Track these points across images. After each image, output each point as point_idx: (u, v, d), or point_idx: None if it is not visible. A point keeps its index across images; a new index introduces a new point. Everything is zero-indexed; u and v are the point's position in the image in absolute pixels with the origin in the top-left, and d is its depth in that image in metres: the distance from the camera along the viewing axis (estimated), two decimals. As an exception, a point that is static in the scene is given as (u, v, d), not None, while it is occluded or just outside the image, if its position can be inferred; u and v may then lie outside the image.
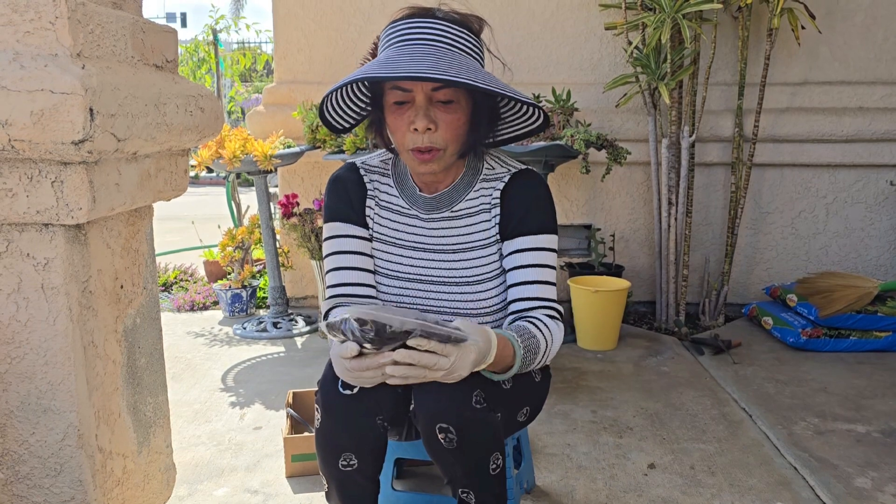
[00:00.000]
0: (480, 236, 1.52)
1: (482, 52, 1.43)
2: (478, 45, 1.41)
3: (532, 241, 1.48)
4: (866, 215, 3.70)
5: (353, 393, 1.36)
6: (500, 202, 1.50)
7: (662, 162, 3.45)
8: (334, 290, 1.50)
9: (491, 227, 1.51)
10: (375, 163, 1.59)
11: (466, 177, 1.52)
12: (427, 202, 1.52)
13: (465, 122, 1.41)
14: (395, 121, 1.40)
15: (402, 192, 1.55)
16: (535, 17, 3.67)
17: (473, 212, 1.52)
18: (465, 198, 1.52)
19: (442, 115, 1.37)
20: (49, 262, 1.29)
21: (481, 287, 1.50)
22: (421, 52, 1.31)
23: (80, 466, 1.35)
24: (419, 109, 1.36)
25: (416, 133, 1.37)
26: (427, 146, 1.38)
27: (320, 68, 3.74)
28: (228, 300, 3.77)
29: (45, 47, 1.21)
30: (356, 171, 1.57)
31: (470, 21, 1.41)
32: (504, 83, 1.36)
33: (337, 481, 1.41)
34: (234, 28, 7.22)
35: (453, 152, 1.43)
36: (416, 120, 1.36)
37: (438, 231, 1.52)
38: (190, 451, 2.23)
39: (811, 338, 3.13)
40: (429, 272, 1.51)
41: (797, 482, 2.04)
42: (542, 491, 1.99)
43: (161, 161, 1.55)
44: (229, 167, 3.20)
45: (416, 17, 1.36)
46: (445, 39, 1.35)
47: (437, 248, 1.52)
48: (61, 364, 1.31)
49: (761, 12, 3.48)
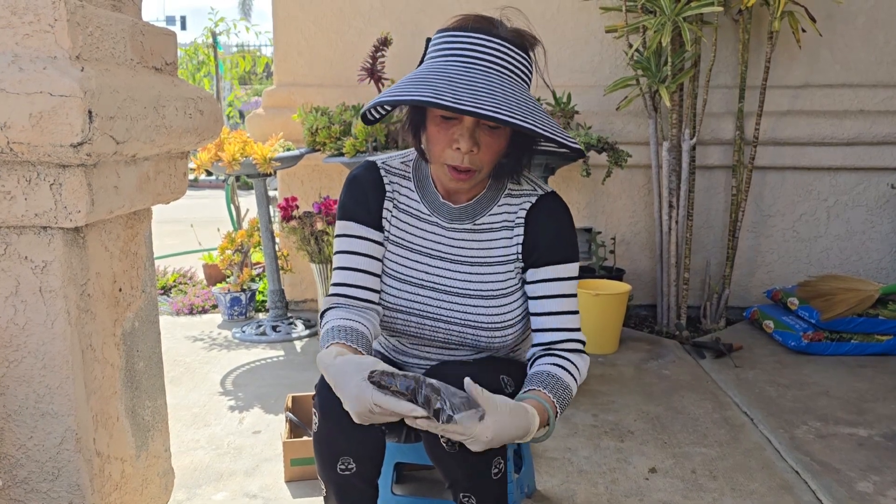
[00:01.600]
0: (499, 252, 1.51)
1: (532, 73, 1.41)
2: (530, 66, 1.39)
3: (560, 271, 1.48)
4: (867, 218, 3.69)
5: None
6: (525, 224, 1.50)
7: (663, 165, 3.44)
8: (337, 289, 1.49)
9: (511, 244, 1.50)
10: (396, 164, 1.56)
11: (491, 190, 1.51)
12: (451, 211, 1.51)
13: (505, 146, 1.40)
14: (438, 133, 1.37)
15: (424, 198, 1.53)
16: (536, 19, 3.62)
17: (496, 227, 1.51)
18: (489, 212, 1.51)
19: (486, 139, 1.36)
20: (47, 265, 1.28)
21: (495, 302, 1.49)
22: (481, 81, 1.28)
23: (78, 471, 1.34)
24: (466, 131, 1.34)
25: (458, 152, 1.35)
26: (466, 167, 1.37)
27: (320, 71, 3.73)
28: (227, 303, 3.76)
29: (44, 50, 1.20)
30: (376, 171, 1.54)
31: (526, 40, 1.38)
32: (554, 121, 1.33)
33: (335, 486, 1.41)
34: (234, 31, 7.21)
35: (487, 172, 1.42)
36: (462, 141, 1.34)
37: (459, 242, 1.51)
38: (189, 456, 2.22)
39: (813, 341, 3.12)
40: (443, 281, 1.50)
41: (799, 486, 2.03)
42: (543, 495, 1.98)
43: (160, 164, 1.54)
44: (228, 170, 3.20)
45: (476, 31, 1.33)
46: (504, 63, 1.32)
47: (456, 259, 1.51)
48: (59, 368, 1.30)
49: (762, 15, 3.48)
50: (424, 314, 1.50)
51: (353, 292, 1.49)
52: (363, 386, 1.16)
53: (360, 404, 1.16)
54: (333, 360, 1.25)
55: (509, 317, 1.50)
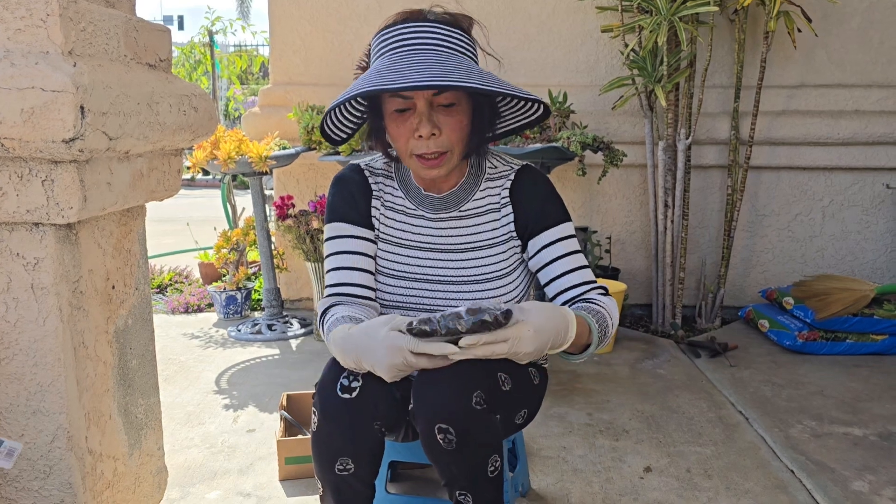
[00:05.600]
0: (489, 235, 1.53)
1: (475, 51, 1.44)
2: (471, 43, 1.42)
3: (557, 233, 1.51)
4: (862, 218, 3.70)
5: (352, 397, 1.34)
6: (511, 202, 1.52)
7: (659, 164, 3.44)
8: (333, 289, 1.50)
9: (500, 226, 1.53)
10: (379, 165, 1.60)
11: (471, 176, 1.54)
12: (435, 202, 1.53)
13: (468, 123, 1.42)
14: (397, 129, 1.40)
15: (408, 194, 1.55)
16: (532, 19, 3.66)
17: (481, 211, 1.53)
18: (472, 197, 1.53)
19: (445, 119, 1.38)
20: (39, 261, 1.27)
21: (491, 285, 1.51)
22: (419, 58, 1.31)
23: (70, 469, 1.33)
24: (422, 116, 1.36)
25: (421, 140, 1.37)
26: (433, 151, 1.38)
27: (316, 70, 3.73)
28: (223, 302, 3.75)
29: (36, 45, 1.20)
30: (361, 173, 1.57)
31: (460, 20, 1.41)
32: (504, 81, 1.36)
33: (332, 485, 1.40)
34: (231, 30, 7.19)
35: (459, 153, 1.44)
36: (420, 127, 1.36)
37: (446, 231, 1.53)
38: (182, 454, 2.22)
39: (808, 341, 3.13)
40: (436, 272, 1.52)
41: (794, 485, 2.03)
42: (538, 494, 1.98)
43: (154, 161, 1.53)
44: (224, 168, 3.19)
45: (408, 21, 1.36)
46: (440, 42, 1.35)
47: (445, 248, 1.52)
48: (51, 365, 1.30)
49: (758, 15, 3.48)
50: (422, 307, 1.51)
51: (351, 290, 1.49)
52: (394, 336, 1.20)
53: (394, 355, 1.19)
54: (349, 331, 1.28)
55: (506, 298, 1.52)
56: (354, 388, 1.35)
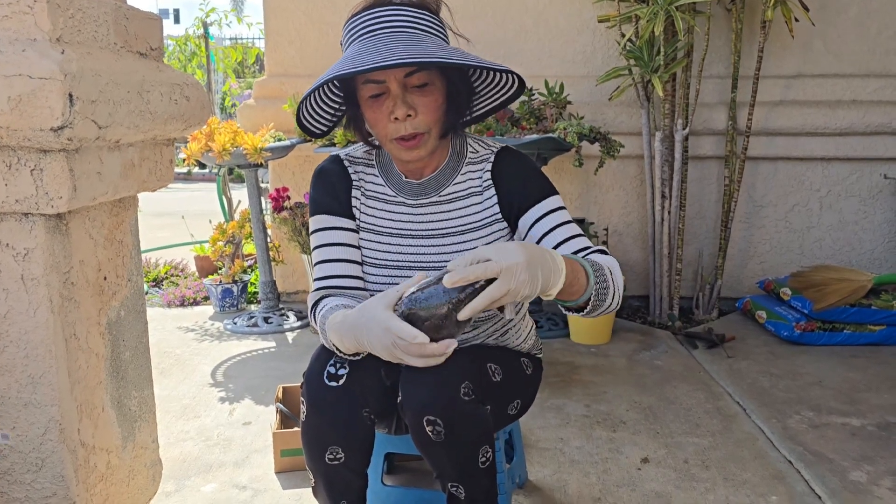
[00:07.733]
0: (471, 219, 1.50)
1: (445, 31, 1.43)
2: (440, 24, 1.41)
3: (546, 206, 1.47)
4: (860, 209, 3.69)
5: (340, 385, 1.34)
6: (494, 184, 1.50)
7: (656, 155, 3.43)
8: (322, 282, 1.48)
9: (483, 209, 1.50)
10: (359, 154, 1.58)
11: (452, 160, 1.52)
12: (414, 188, 1.51)
13: (443, 102, 1.40)
14: (374, 114, 1.39)
15: (388, 181, 1.54)
16: (528, 9, 3.64)
17: (463, 195, 1.51)
18: (452, 181, 1.51)
19: (419, 100, 1.36)
20: (29, 252, 1.26)
21: None
22: (386, 41, 1.30)
23: (62, 461, 1.32)
24: (396, 98, 1.35)
25: (398, 122, 1.36)
26: (410, 133, 1.37)
27: (311, 61, 3.70)
28: (219, 295, 3.74)
29: (23, 32, 1.18)
30: (340, 163, 1.57)
31: (428, 2, 1.40)
32: (474, 55, 1.35)
33: (324, 475, 1.39)
34: (226, 21, 7.13)
35: (437, 134, 1.42)
36: (395, 109, 1.35)
37: (426, 216, 1.51)
38: (178, 447, 2.21)
39: (805, 331, 3.12)
40: (418, 258, 1.50)
41: (792, 476, 2.03)
42: (535, 485, 1.97)
43: (145, 150, 1.52)
44: (219, 160, 3.17)
45: (374, 6, 1.35)
46: (407, 24, 1.34)
47: (426, 234, 1.50)
48: (42, 357, 1.28)
49: (755, 4, 3.46)
50: None
51: (340, 282, 1.47)
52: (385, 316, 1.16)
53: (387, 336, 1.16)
54: (346, 315, 1.26)
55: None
56: (341, 375, 1.34)
